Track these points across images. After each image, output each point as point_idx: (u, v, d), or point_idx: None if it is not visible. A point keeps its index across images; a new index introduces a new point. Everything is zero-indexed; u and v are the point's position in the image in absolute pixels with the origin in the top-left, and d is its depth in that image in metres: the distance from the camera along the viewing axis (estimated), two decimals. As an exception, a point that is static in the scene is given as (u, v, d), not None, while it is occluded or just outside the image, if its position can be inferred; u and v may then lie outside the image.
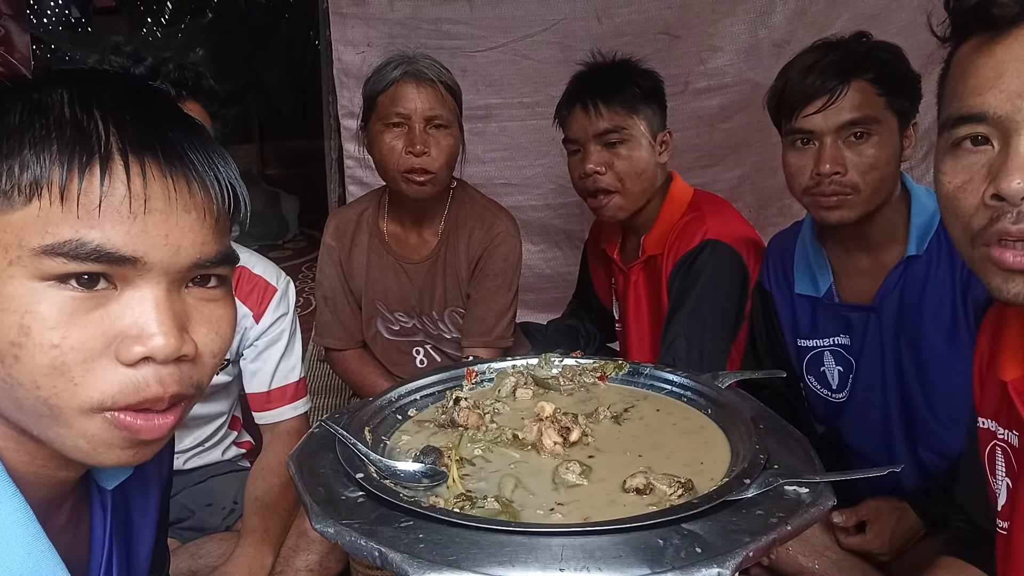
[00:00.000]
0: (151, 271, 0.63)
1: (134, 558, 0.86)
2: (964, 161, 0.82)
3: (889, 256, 1.48)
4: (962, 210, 0.82)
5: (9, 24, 4.24)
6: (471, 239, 1.92)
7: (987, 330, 1.03)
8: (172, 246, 0.63)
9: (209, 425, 1.74)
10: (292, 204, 6.02)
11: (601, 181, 1.81)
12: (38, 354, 0.60)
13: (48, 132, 0.61)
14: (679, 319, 1.74)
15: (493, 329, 1.91)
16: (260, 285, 1.65)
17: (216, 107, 1.50)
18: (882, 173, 1.41)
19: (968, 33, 0.82)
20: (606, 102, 1.80)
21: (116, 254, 0.61)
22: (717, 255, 1.74)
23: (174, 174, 0.63)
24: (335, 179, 3.39)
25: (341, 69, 2.94)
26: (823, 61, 1.42)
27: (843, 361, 1.56)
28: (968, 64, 0.81)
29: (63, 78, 0.65)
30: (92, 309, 0.61)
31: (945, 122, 0.84)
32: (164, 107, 0.68)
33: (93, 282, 0.61)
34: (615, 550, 0.74)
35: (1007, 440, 0.96)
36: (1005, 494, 0.96)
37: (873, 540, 1.44)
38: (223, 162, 0.68)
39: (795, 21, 2.86)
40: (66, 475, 0.71)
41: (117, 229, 0.61)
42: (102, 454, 0.65)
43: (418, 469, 0.93)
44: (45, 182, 0.60)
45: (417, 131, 1.76)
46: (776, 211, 3.12)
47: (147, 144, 0.63)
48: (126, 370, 0.62)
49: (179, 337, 0.64)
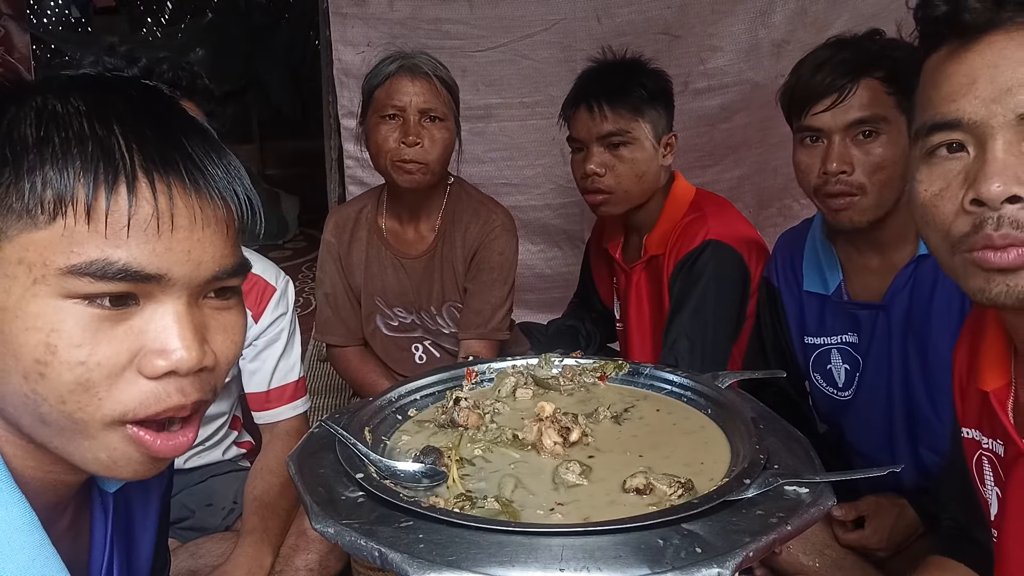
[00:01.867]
0: (173, 286, 0.63)
1: (135, 560, 0.86)
2: (940, 168, 0.81)
3: (900, 255, 1.48)
4: (940, 217, 0.81)
5: (9, 24, 4.24)
6: (467, 234, 1.94)
7: (965, 339, 1.03)
8: (194, 261, 0.64)
9: (209, 425, 1.73)
10: (292, 204, 6.02)
11: (600, 182, 1.82)
12: (64, 371, 0.60)
13: (69, 147, 0.60)
14: (681, 319, 1.75)
15: (489, 321, 1.93)
16: (259, 285, 1.65)
17: (212, 106, 1.50)
18: (890, 173, 1.40)
19: (938, 42, 0.82)
20: (611, 104, 1.80)
21: (142, 272, 0.61)
22: (718, 255, 1.75)
23: (198, 191, 0.64)
24: (335, 179, 3.39)
25: (341, 69, 2.95)
26: (834, 59, 1.42)
27: (850, 359, 1.56)
28: (939, 72, 0.81)
29: (73, 85, 0.65)
30: (116, 324, 0.62)
31: (919, 130, 0.84)
32: (180, 118, 0.68)
33: (123, 300, 0.62)
34: (615, 550, 0.74)
35: (992, 450, 0.95)
36: (996, 504, 0.96)
37: (872, 536, 1.44)
38: (239, 173, 0.68)
39: (795, 21, 2.86)
40: (71, 479, 0.72)
41: (143, 248, 0.61)
42: (121, 468, 0.65)
43: (418, 469, 0.93)
44: (70, 200, 0.59)
45: (411, 123, 1.78)
46: (776, 211, 3.12)
47: (171, 161, 0.63)
48: (148, 382, 0.63)
49: (200, 350, 0.64)
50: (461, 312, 1.97)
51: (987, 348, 0.94)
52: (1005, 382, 0.91)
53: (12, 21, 4.26)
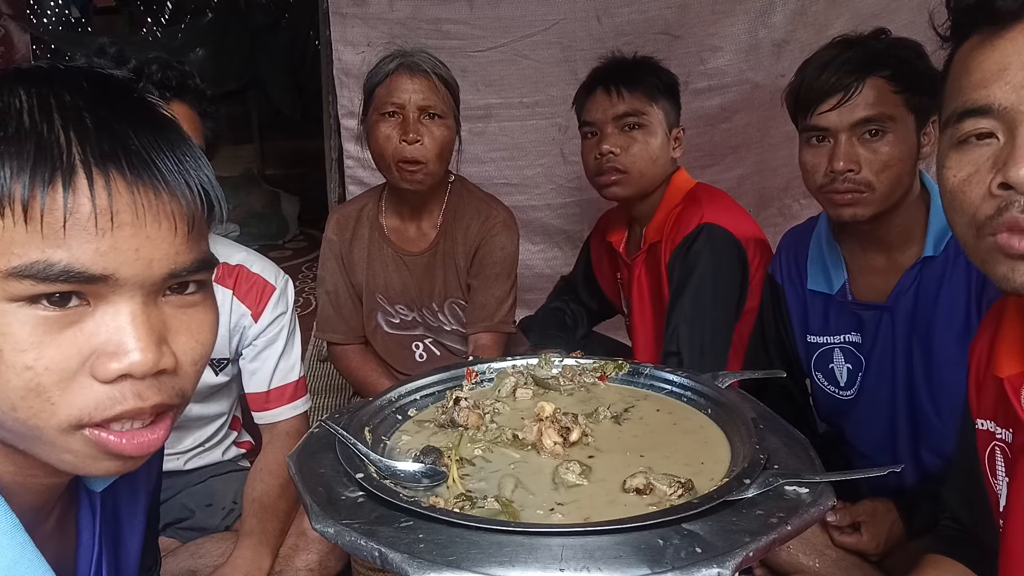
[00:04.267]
0: (124, 286, 0.60)
1: (123, 559, 0.85)
2: (969, 155, 0.82)
3: (905, 256, 1.48)
4: (968, 202, 0.82)
5: (9, 24, 4.24)
6: (468, 230, 1.96)
7: (985, 333, 1.03)
8: (144, 260, 0.61)
9: (210, 425, 1.74)
10: (292, 204, 6.02)
11: (615, 161, 1.86)
12: (12, 376, 0.58)
13: (7, 144, 0.57)
14: (681, 306, 1.77)
15: (495, 314, 1.95)
16: (258, 284, 1.65)
17: (204, 107, 1.49)
18: (897, 171, 1.40)
19: (970, 30, 0.83)
20: (628, 87, 1.86)
21: (86, 273, 0.58)
22: (713, 238, 1.77)
23: (141, 185, 0.60)
24: (335, 179, 3.39)
25: (341, 69, 2.95)
26: (840, 58, 1.42)
27: (853, 359, 1.56)
28: (971, 60, 0.82)
29: (21, 79, 0.61)
30: (65, 327, 0.59)
31: (949, 118, 0.84)
32: (129, 107, 0.64)
33: (65, 300, 0.59)
34: (615, 550, 0.74)
35: (1003, 439, 0.96)
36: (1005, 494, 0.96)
37: (869, 542, 1.44)
38: (194, 164, 0.65)
39: (795, 21, 2.86)
40: (54, 481, 0.70)
41: (85, 248, 0.58)
42: (89, 466, 0.63)
43: (418, 469, 0.93)
44: (7, 200, 0.57)
45: (411, 120, 1.79)
46: (776, 211, 3.12)
47: (111, 154, 0.59)
48: (103, 386, 0.60)
49: (157, 351, 0.61)
50: (467, 308, 1.99)
51: (1006, 335, 0.95)
52: (1021, 369, 0.92)
53: (12, 21, 4.27)
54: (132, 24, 6.54)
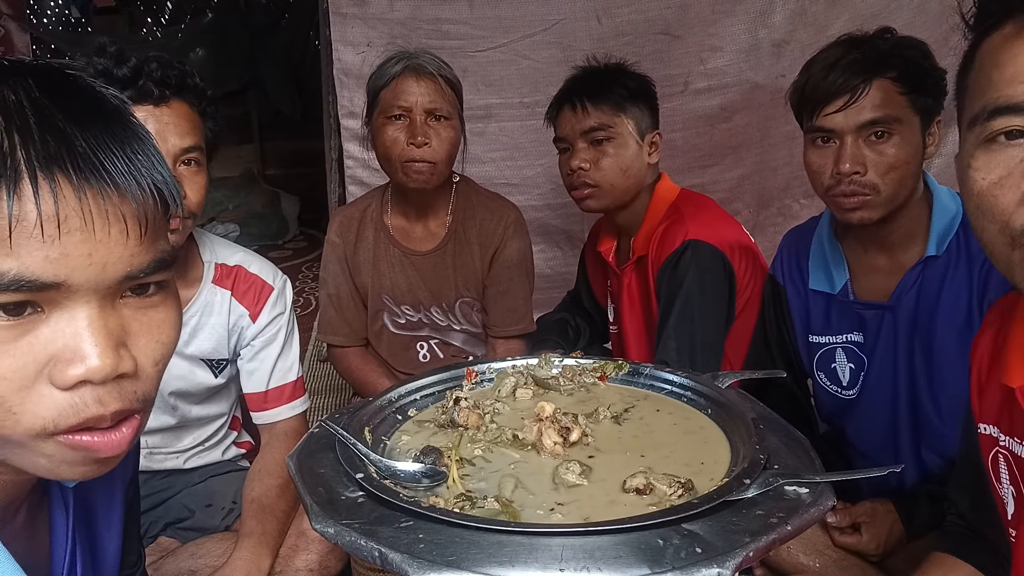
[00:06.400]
0: (78, 292, 0.58)
1: (100, 554, 0.84)
2: (1001, 156, 0.75)
3: (907, 256, 1.47)
4: (1000, 208, 0.75)
5: (9, 24, 4.25)
6: (482, 229, 1.97)
7: (987, 332, 1.00)
8: (98, 264, 0.58)
9: (209, 425, 1.74)
10: (292, 204, 6.02)
11: (585, 176, 1.85)
12: None
13: None
14: (669, 324, 1.76)
15: (525, 316, 2.00)
16: (257, 284, 1.65)
17: (204, 106, 1.49)
18: (902, 173, 1.40)
19: (1001, 19, 0.77)
20: (593, 101, 1.84)
21: (37, 282, 0.56)
22: (699, 255, 1.76)
23: (89, 189, 0.58)
24: (335, 179, 3.39)
25: (341, 69, 2.94)
26: (845, 58, 1.41)
27: (855, 358, 1.56)
28: (1003, 52, 0.75)
29: None
30: (20, 336, 0.58)
31: (979, 114, 0.77)
32: (77, 103, 0.61)
33: (20, 310, 0.57)
34: (615, 550, 0.74)
35: (1010, 448, 0.93)
36: (1012, 503, 0.94)
37: (869, 543, 1.44)
38: (146, 162, 0.62)
39: (795, 21, 2.86)
40: (22, 478, 0.68)
41: (35, 256, 0.56)
42: (65, 471, 0.63)
43: (418, 469, 0.93)
44: None
45: (418, 123, 1.79)
46: (776, 211, 3.12)
47: (56, 157, 0.57)
48: (63, 394, 0.59)
49: (115, 355, 0.60)
50: (491, 312, 2.01)
51: (1016, 340, 0.90)
52: None
53: (12, 21, 4.27)
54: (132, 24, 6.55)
